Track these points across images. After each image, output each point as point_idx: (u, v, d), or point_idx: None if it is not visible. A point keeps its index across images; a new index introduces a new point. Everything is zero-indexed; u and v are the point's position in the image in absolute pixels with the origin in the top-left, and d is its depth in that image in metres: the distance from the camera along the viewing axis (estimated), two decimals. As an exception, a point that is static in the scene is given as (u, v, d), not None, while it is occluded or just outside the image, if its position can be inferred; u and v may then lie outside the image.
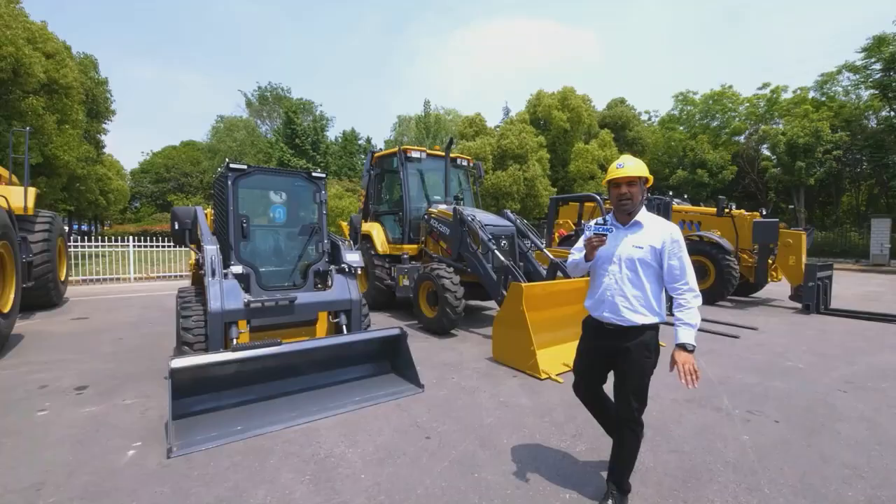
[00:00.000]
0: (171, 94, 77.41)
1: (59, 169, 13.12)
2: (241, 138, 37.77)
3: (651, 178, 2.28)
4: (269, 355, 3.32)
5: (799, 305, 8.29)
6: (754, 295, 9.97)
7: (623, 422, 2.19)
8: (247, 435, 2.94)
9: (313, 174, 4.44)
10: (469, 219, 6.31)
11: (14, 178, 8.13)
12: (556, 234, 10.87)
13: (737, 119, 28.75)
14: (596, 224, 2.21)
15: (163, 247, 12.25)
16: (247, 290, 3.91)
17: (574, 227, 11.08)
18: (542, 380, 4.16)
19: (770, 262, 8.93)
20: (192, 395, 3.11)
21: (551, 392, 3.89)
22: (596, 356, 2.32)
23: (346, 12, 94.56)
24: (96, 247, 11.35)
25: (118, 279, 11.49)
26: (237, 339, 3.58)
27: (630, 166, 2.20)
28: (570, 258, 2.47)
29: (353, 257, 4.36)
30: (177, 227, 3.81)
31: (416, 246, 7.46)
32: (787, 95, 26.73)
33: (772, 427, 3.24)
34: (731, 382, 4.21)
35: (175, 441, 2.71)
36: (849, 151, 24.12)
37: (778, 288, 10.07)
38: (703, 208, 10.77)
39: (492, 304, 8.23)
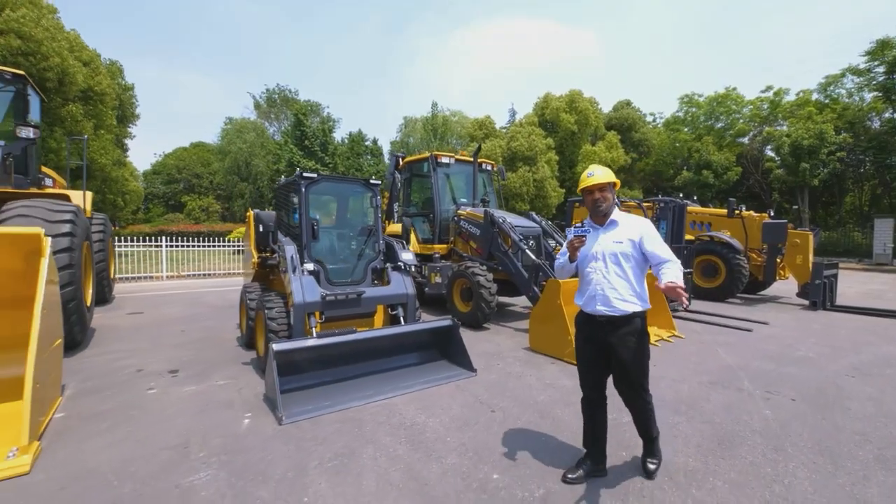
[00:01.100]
0: (171, 94, 77.92)
1: (96, 172, 13.68)
2: (251, 140, 38.25)
3: (618, 182, 2.54)
4: (349, 341, 3.80)
5: (806, 302, 8.73)
6: (763, 292, 10.41)
7: (634, 399, 2.47)
8: (337, 408, 3.41)
9: (370, 181, 4.91)
10: (500, 220, 6.78)
11: (63, 182, 8.62)
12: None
13: (741, 121, 29.14)
14: (575, 227, 2.47)
15: (193, 246, 12.76)
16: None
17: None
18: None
19: (778, 261, 9.37)
20: (286, 374, 3.57)
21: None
22: (593, 347, 2.50)
23: (346, 12, 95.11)
24: (129, 246, 11.84)
25: (151, 277, 11.99)
26: (315, 328, 4.05)
27: (599, 174, 2.44)
28: (557, 262, 2.65)
29: (407, 256, 4.84)
30: (261, 229, 4.28)
31: (445, 245, 7.93)
32: (790, 98, 27.11)
33: (789, 404, 3.70)
34: (749, 368, 4.66)
35: (283, 411, 3.18)
36: (852, 153, 24.51)
37: (785, 286, 10.50)
38: (713, 210, 11.22)
39: (517, 300, 8.73)
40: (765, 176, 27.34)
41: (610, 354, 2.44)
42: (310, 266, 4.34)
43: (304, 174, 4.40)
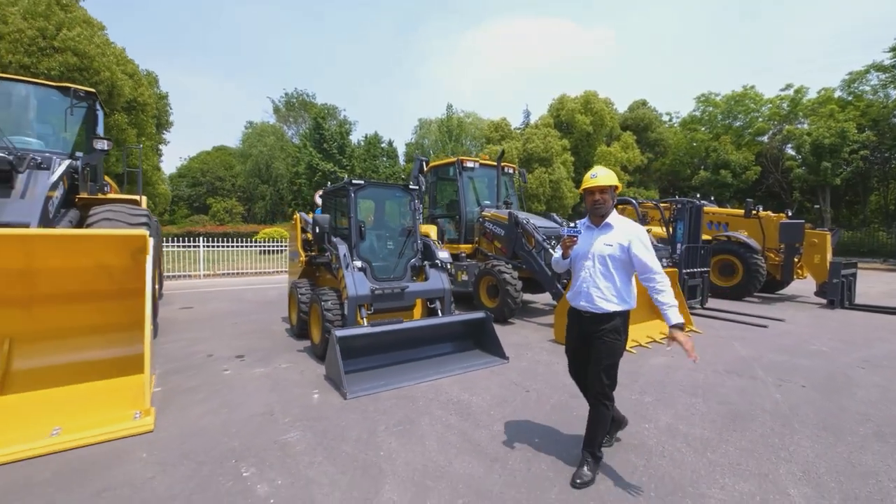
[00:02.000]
0: (193, 99, 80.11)
1: (134, 176, 14.58)
2: (271, 143, 39.34)
3: (620, 185, 2.64)
4: (397, 330, 4.29)
5: (824, 301, 8.93)
6: (780, 292, 10.59)
7: (596, 397, 2.52)
8: (391, 387, 3.89)
9: (410, 186, 5.40)
10: (524, 222, 7.20)
11: (117, 188, 9.35)
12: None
13: (760, 119, 28.91)
14: (569, 227, 2.62)
15: (227, 246, 13.52)
16: (365, 280, 4.88)
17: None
18: (602, 356, 5.03)
19: (796, 260, 9.56)
20: (347, 358, 4.07)
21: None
22: (578, 339, 2.66)
23: (357, 13, 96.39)
24: (168, 246, 12.61)
25: (189, 276, 12.74)
26: (365, 318, 4.55)
27: (602, 176, 2.55)
28: (553, 257, 2.85)
29: (443, 255, 5.31)
30: (317, 231, 4.81)
31: (471, 245, 8.38)
32: (812, 96, 26.81)
33: (799, 390, 4.05)
34: (763, 360, 4.99)
35: (347, 388, 3.68)
36: (877, 151, 24.15)
37: (803, 285, 10.66)
38: (730, 210, 11.43)
39: (539, 297, 9.14)
40: (785, 175, 27.08)
41: (590, 345, 2.58)
42: (358, 263, 4.85)
43: (353, 181, 4.91)
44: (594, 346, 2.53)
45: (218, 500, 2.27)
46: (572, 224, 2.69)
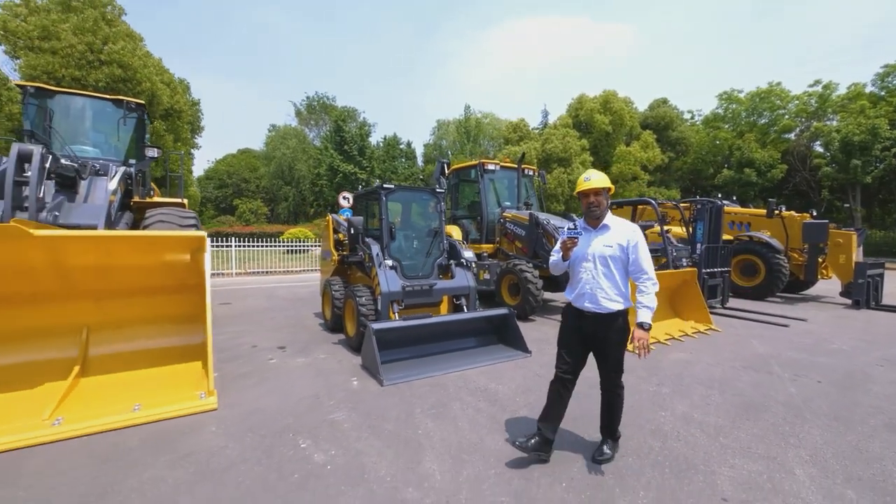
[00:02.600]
0: (222, 103, 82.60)
1: (175, 181, 15.43)
2: (293, 146, 40.39)
3: (612, 187, 2.68)
4: (428, 324, 4.61)
5: (849, 301, 8.86)
6: (805, 292, 10.51)
7: (609, 388, 2.72)
8: (423, 376, 4.21)
9: (436, 190, 5.73)
10: (544, 222, 7.44)
11: (158, 192, 9.98)
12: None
13: (786, 117, 28.22)
14: (568, 229, 2.61)
15: (257, 246, 14.15)
16: (395, 278, 5.22)
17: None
18: (621, 351, 5.24)
19: (820, 260, 9.49)
20: (382, 349, 4.41)
21: (630, 359, 4.87)
22: (576, 336, 2.71)
23: (376, 14, 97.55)
24: (203, 247, 13.29)
25: (221, 274, 13.41)
26: (396, 313, 4.89)
27: (595, 179, 2.59)
28: (551, 259, 2.84)
29: (468, 254, 5.62)
30: (352, 232, 5.18)
31: (492, 245, 8.66)
32: (841, 91, 26.02)
33: (815, 385, 4.19)
34: (781, 357, 5.12)
35: (383, 376, 4.02)
36: (911, 148, 23.31)
37: (829, 286, 10.55)
38: (752, 210, 11.37)
39: (558, 296, 9.34)
40: (813, 173, 26.37)
41: (592, 345, 2.68)
42: (389, 262, 5.19)
43: (384, 185, 5.26)
44: (605, 348, 2.63)
45: (282, 465, 2.63)
46: (570, 225, 2.67)
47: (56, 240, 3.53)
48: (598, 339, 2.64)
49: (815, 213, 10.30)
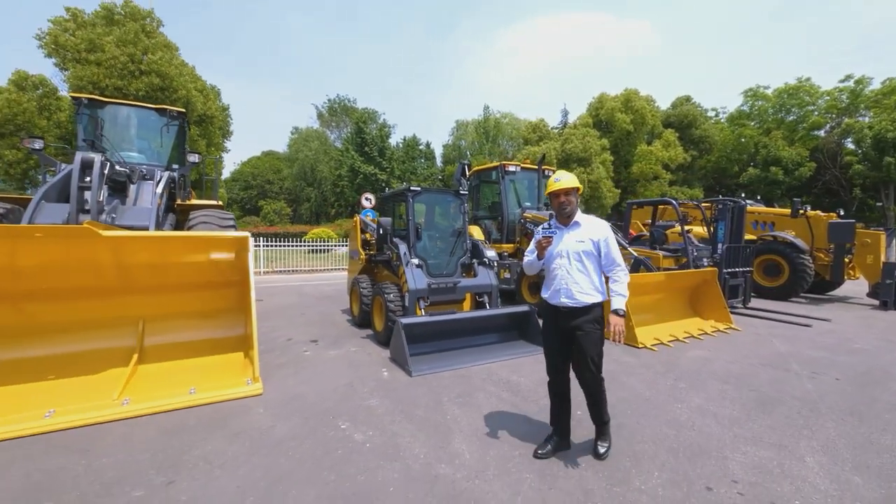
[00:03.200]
0: (248, 106, 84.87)
1: (208, 183, 16.22)
2: (316, 147, 41.31)
3: (581, 187, 2.81)
4: (453, 320, 4.87)
5: (876, 302, 8.70)
6: (832, 293, 10.32)
7: (589, 385, 2.74)
8: (448, 368, 4.47)
9: (460, 192, 5.98)
10: (564, 223, 7.59)
11: (194, 194, 10.54)
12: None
13: (816, 113, 27.38)
14: (542, 228, 2.71)
15: (282, 246, 14.71)
16: (421, 276, 5.50)
17: (643, 228, 11.98)
18: (639, 348, 5.38)
19: (846, 261, 9.34)
20: (410, 343, 4.69)
21: (648, 356, 5.11)
22: (557, 335, 2.77)
23: (393, 12, 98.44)
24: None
25: (250, 273, 13.97)
26: (423, 309, 5.16)
27: (565, 180, 2.71)
28: (525, 259, 2.90)
29: (491, 254, 5.85)
30: (381, 232, 5.49)
31: (513, 245, 8.86)
32: (875, 86, 25.10)
33: (832, 382, 4.27)
34: (801, 356, 5.17)
35: (412, 367, 4.30)
36: (950, 144, 22.32)
37: (856, 286, 10.35)
38: (776, 209, 11.22)
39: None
40: (843, 171, 25.53)
41: (572, 340, 2.69)
42: (415, 261, 5.47)
43: (411, 188, 5.54)
44: (580, 340, 2.64)
45: (326, 442, 2.92)
46: (545, 225, 2.79)
47: (120, 240, 3.94)
48: (575, 332, 2.67)
49: (842, 213, 10.11)
